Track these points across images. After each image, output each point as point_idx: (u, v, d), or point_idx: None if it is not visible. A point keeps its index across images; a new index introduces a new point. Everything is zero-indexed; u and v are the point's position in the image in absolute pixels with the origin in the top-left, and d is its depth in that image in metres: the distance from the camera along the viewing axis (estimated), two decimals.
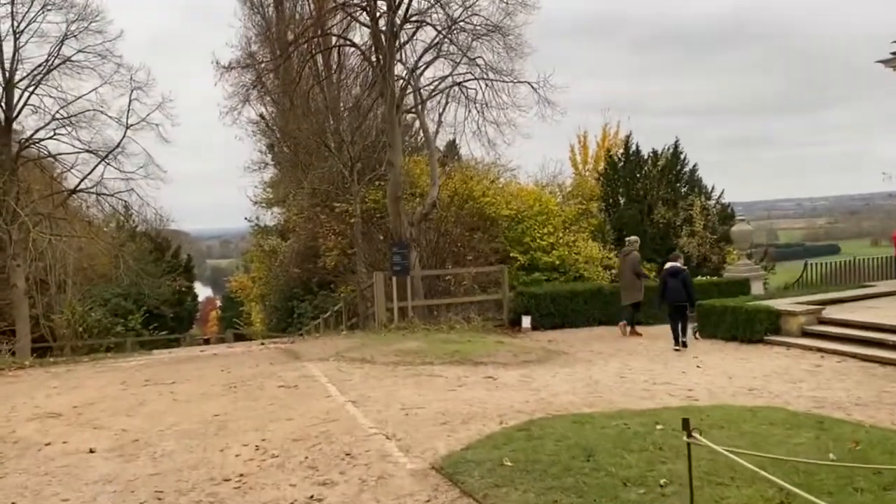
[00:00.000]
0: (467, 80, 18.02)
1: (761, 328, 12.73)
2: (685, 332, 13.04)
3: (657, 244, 26.10)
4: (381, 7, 17.08)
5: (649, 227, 26.64)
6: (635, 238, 15.82)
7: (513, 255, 21.04)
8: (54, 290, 25.49)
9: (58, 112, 21.10)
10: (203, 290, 70.27)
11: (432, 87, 18.52)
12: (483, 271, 17.72)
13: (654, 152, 27.75)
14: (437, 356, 11.31)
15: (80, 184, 22.22)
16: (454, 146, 27.97)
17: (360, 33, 19.73)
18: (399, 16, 16.90)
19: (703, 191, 27.70)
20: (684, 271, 13.34)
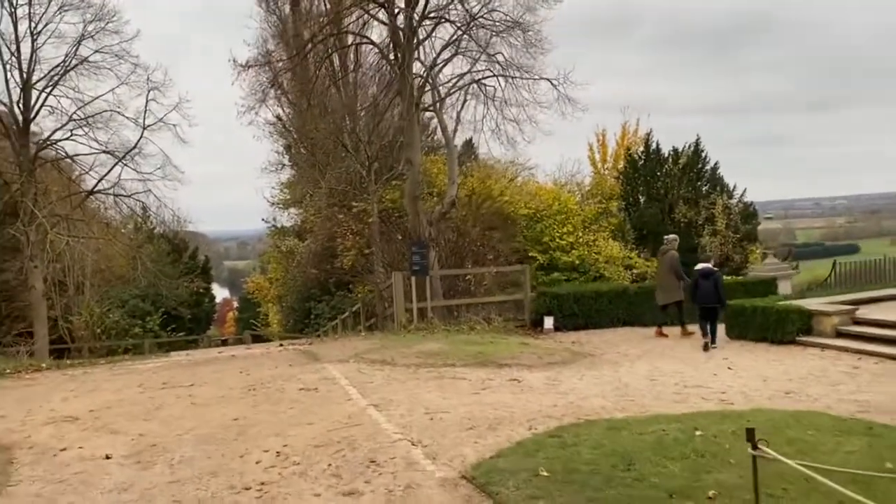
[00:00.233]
0: (486, 77, 17.74)
1: (793, 329, 12.35)
2: (715, 333, 12.80)
3: (678, 243, 25.72)
4: (399, 4, 16.87)
5: (670, 227, 26.28)
6: (674, 236, 15.42)
7: (532, 254, 20.76)
8: (73, 291, 25.50)
9: (75, 113, 21.06)
10: (220, 292, 70.52)
11: (450, 84, 18.23)
12: (503, 271, 17.41)
13: (675, 150, 27.33)
14: (459, 358, 11.04)
15: (97, 185, 22.16)
16: (471, 145, 27.74)
17: (378, 31, 19.48)
18: (417, 12, 16.67)
19: (725, 189, 27.27)
20: (716, 272, 13.25)
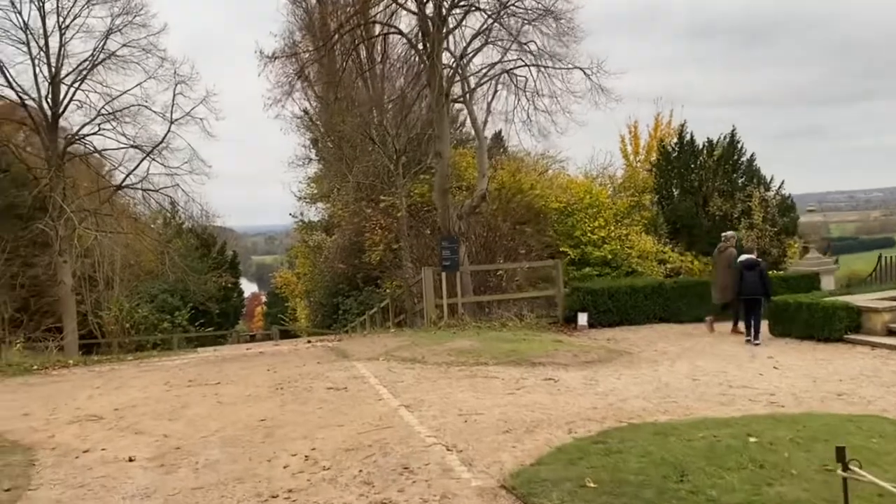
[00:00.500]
0: (517, 66, 17.30)
1: (841, 326, 11.84)
2: (758, 328, 12.47)
3: (713, 237, 25.08)
4: None
5: (705, 220, 25.65)
6: (732, 233, 14.88)
7: (562, 249, 20.31)
8: (102, 286, 25.59)
9: (103, 108, 21.05)
10: (249, 287, 70.88)
11: (481, 74, 17.84)
12: (535, 266, 17.01)
13: (710, 142, 26.68)
14: (491, 356, 10.70)
15: (125, 179, 22.20)
16: (500, 138, 27.32)
17: (406, 20, 19.14)
18: (447, 0, 16.28)
19: (763, 181, 26.55)
20: (760, 263, 12.90)
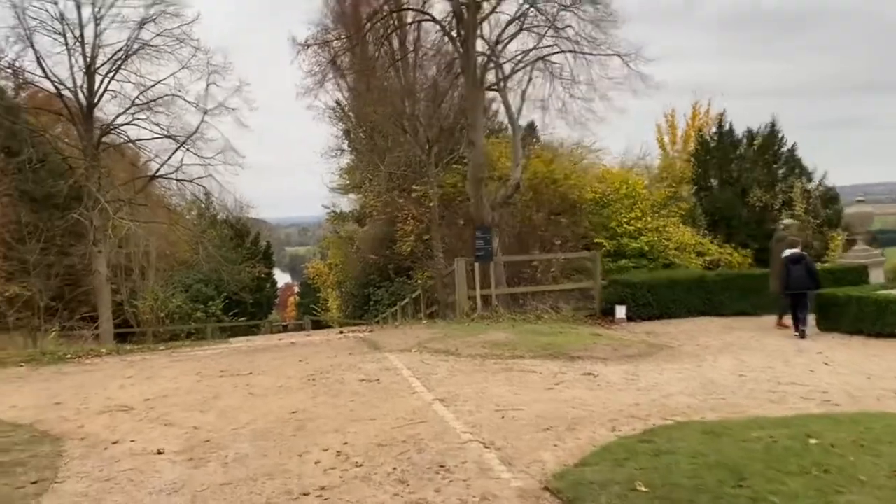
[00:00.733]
0: (553, 53, 16.86)
1: (893, 321, 11.32)
2: (806, 320, 12.13)
3: (752, 229, 24.47)
4: None
5: (744, 211, 25.01)
6: (790, 221, 14.45)
7: (597, 240, 19.88)
8: (137, 275, 25.81)
9: (137, 98, 21.09)
10: (282, 277, 71.27)
11: (515, 61, 17.42)
12: (571, 257, 16.63)
13: (750, 131, 26.01)
14: (528, 349, 10.40)
15: (159, 169, 22.23)
16: (533, 128, 26.89)
17: (440, 7, 18.78)
18: None
19: (805, 172, 25.80)
20: (806, 257, 12.48)
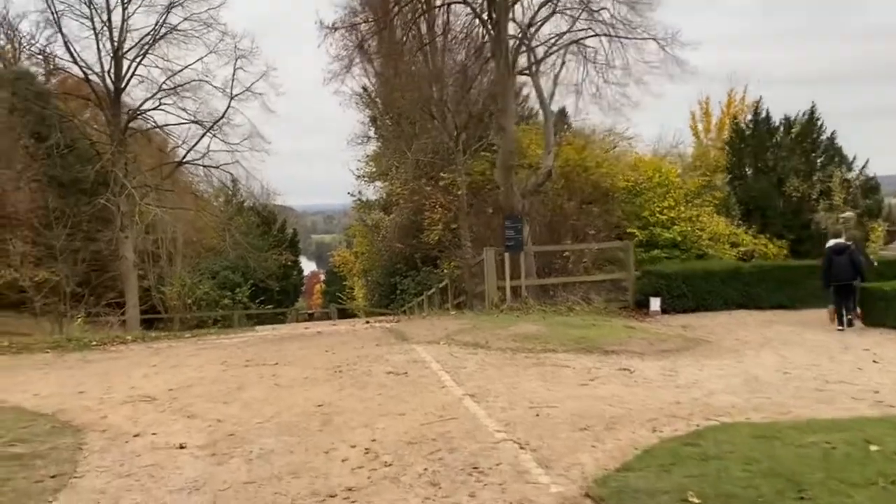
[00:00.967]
0: (588, 36, 16.39)
1: None
2: (850, 309, 11.89)
3: (788, 220, 23.85)
4: None
5: (780, 201, 24.38)
6: (850, 214, 14.00)
7: (629, 230, 19.44)
8: (165, 262, 25.85)
9: (164, 82, 20.99)
10: (308, 265, 71.55)
11: (548, 45, 16.97)
12: (605, 247, 16.21)
13: (787, 119, 25.31)
14: (560, 342, 10.07)
15: (186, 155, 22.14)
16: (564, 114, 26.44)
17: None
18: None
19: (844, 161, 25.06)
20: (850, 247, 12.00)
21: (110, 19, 20.47)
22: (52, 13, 20.47)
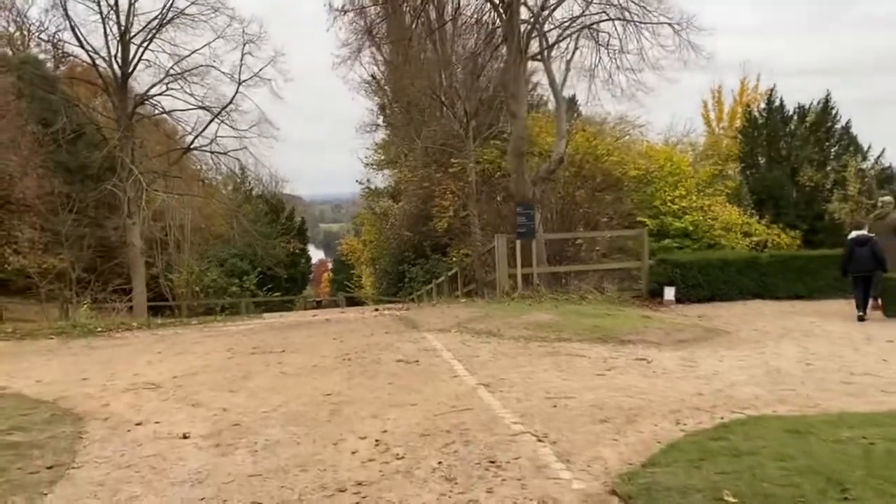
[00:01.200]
0: (601, 20, 16.03)
1: None
2: (869, 298, 11.72)
3: (802, 210, 23.50)
4: None
5: (793, 191, 24.02)
6: (889, 199, 13.65)
7: (640, 219, 19.14)
8: (173, 249, 25.68)
9: (172, 67, 20.69)
10: (316, 253, 71.36)
11: (560, 29, 16.62)
12: (618, 235, 15.91)
13: (801, 107, 24.91)
14: (574, 331, 9.82)
15: (193, 141, 21.86)
16: (574, 102, 26.11)
17: None
18: None
19: (860, 150, 24.65)
20: (872, 239, 11.77)
21: (117, 3, 20.16)
22: None
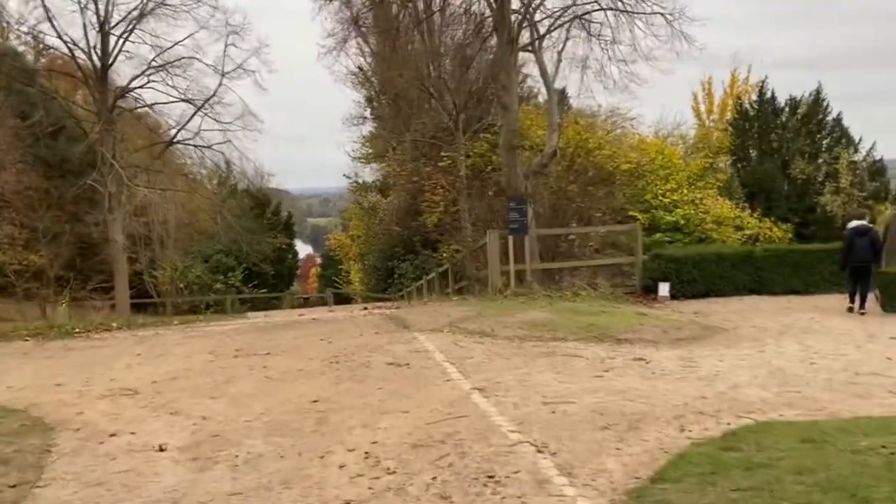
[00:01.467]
0: (593, 10, 15.71)
1: None
2: (865, 296, 11.49)
3: (793, 203, 23.38)
4: None
5: (785, 184, 23.89)
6: None
7: (631, 213, 18.90)
8: (157, 245, 25.19)
9: (153, 60, 20.16)
10: (303, 248, 70.76)
11: (551, 20, 16.28)
12: (612, 230, 15.64)
13: (793, 99, 24.77)
14: (569, 330, 9.53)
15: (176, 134, 21.35)
16: (565, 95, 25.81)
17: None
18: None
19: (851, 143, 24.56)
20: (872, 229, 11.66)
21: None
22: None
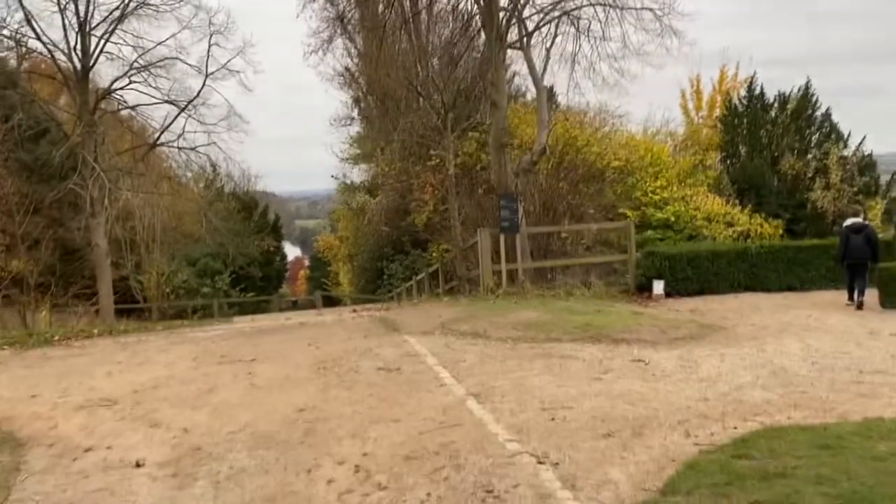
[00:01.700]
0: (582, 5, 15.48)
1: None
2: (863, 291, 11.47)
3: (784, 199, 23.25)
4: None
5: (775, 180, 23.76)
6: None
7: (622, 210, 18.73)
8: (143, 249, 24.77)
9: (135, 60, 19.71)
10: (292, 251, 70.33)
11: (539, 17, 16.06)
12: (605, 228, 15.43)
13: (782, 95, 24.64)
14: (564, 330, 9.28)
15: (159, 136, 20.93)
16: (552, 93, 25.61)
17: None
18: None
19: (841, 138, 24.46)
20: (868, 227, 11.61)
21: None
22: None
